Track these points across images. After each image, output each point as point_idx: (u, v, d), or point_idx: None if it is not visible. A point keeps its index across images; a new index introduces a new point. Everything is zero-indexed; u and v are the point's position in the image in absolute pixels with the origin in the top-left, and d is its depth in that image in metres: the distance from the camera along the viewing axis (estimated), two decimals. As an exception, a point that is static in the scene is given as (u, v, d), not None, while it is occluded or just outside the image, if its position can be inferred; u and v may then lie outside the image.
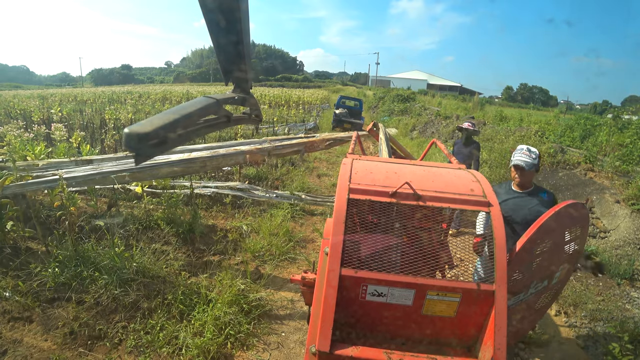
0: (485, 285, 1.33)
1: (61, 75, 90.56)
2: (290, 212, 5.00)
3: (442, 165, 1.98)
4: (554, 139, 8.25)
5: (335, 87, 50.65)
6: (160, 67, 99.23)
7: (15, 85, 53.83)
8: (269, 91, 30.87)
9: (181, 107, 1.18)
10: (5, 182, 3.46)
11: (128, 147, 0.97)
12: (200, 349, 2.49)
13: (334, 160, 9.08)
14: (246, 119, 1.72)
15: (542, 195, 2.44)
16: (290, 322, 3.01)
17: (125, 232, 3.81)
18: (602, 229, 4.81)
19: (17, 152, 4.51)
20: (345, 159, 1.80)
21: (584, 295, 3.60)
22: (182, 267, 3.47)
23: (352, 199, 1.46)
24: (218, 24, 1.30)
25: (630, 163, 6.18)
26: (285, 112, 16.88)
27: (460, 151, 4.76)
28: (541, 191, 2.48)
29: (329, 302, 1.30)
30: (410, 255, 1.40)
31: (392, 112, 18.98)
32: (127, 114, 10.51)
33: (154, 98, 22.62)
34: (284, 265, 3.88)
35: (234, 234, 4.30)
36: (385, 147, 3.02)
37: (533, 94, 62.30)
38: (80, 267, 3.01)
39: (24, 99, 17.71)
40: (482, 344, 1.36)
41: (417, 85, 42.87)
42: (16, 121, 8.19)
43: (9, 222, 3.38)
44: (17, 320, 2.66)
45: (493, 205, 1.45)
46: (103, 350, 2.50)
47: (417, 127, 14.19)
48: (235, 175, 6.22)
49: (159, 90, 30.64)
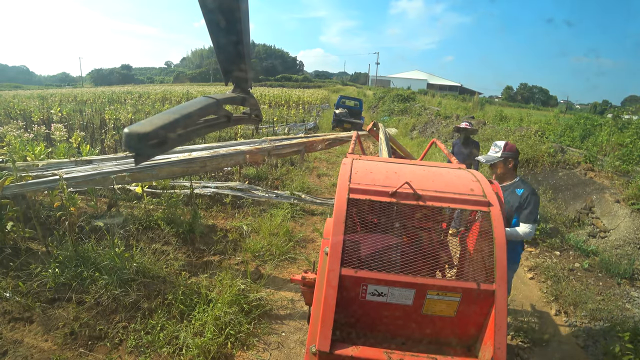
0: (485, 285, 1.33)
1: (61, 76, 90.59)
2: (290, 212, 5.00)
3: (442, 165, 1.98)
4: (554, 139, 8.26)
5: (335, 87, 50.66)
6: (160, 67, 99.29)
7: (15, 86, 53.84)
8: (269, 91, 30.87)
9: (181, 107, 1.18)
10: (5, 182, 3.46)
11: (128, 147, 0.97)
12: (201, 349, 2.49)
13: (334, 160, 9.08)
14: (246, 119, 1.72)
15: (517, 191, 2.46)
16: (290, 322, 3.01)
17: (125, 232, 3.81)
18: (602, 228, 4.81)
19: (17, 153, 4.50)
20: (345, 158, 1.80)
21: (584, 295, 3.60)
22: (182, 267, 3.47)
23: (352, 199, 1.46)
24: (218, 24, 1.30)
25: (630, 163, 6.19)
26: (285, 112, 16.88)
27: (460, 151, 4.76)
28: (520, 187, 2.49)
29: (329, 302, 1.31)
30: (410, 255, 1.40)
31: (392, 112, 18.99)
32: (127, 114, 10.51)
33: (153, 98, 22.61)
34: (284, 265, 3.88)
35: (234, 234, 4.30)
36: (385, 147, 3.02)
37: (533, 93, 62.31)
38: (80, 268, 3.01)
39: (24, 99, 17.72)
40: (482, 344, 1.36)
41: (417, 85, 42.90)
42: (16, 121, 8.18)
43: (9, 223, 3.38)
44: (18, 321, 2.66)
45: (493, 205, 1.45)
46: (103, 351, 2.50)
47: (417, 127, 14.19)
48: (235, 175, 6.22)
49: (158, 90, 30.63)
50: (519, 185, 2.51)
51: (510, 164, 2.53)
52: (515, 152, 2.56)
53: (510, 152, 2.52)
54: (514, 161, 2.55)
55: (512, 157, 2.53)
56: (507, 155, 2.51)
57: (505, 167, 2.54)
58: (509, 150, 2.52)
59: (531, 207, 2.41)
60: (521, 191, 2.45)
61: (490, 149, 2.62)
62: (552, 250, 4.72)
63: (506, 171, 2.55)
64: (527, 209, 2.42)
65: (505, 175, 2.57)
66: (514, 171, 2.58)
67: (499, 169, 2.55)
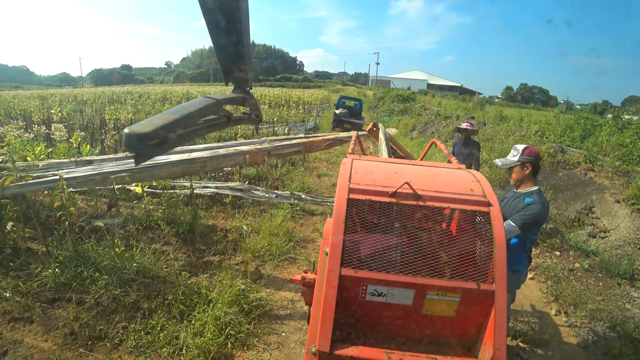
0: (485, 285, 1.33)
1: (61, 76, 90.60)
2: (290, 212, 5.00)
3: (442, 165, 1.98)
4: (554, 139, 8.26)
5: (335, 87, 50.69)
6: (160, 67, 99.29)
7: (15, 86, 53.84)
8: (269, 91, 30.87)
9: (181, 107, 1.18)
10: (5, 182, 3.46)
11: (128, 147, 0.97)
12: (201, 349, 2.49)
13: (334, 160, 9.08)
14: (246, 119, 1.72)
15: (527, 199, 2.31)
16: (290, 322, 3.01)
17: (126, 232, 3.81)
18: (602, 228, 4.81)
19: (17, 153, 4.50)
20: (345, 159, 1.80)
21: (584, 295, 3.60)
22: (182, 267, 3.47)
23: (352, 199, 1.46)
24: (218, 24, 1.30)
25: (630, 163, 6.19)
26: (285, 112, 16.88)
27: (461, 152, 4.75)
28: (532, 196, 2.32)
29: (329, 302, 1.31)
30: (410, 255, 1.40)
31: (392, 112, 19.00)
32: (127, 114, 10.50)
33: (154, 98, 22.60)
34: (284, 265, 3.88)
35: (234, 234, 4.30)
36: (385, 147, 3.02)
37: (533, 94, 62.31)
38: (80, 268, 3.01)
39: (24, 99, 17.71)
40: (482, 344, 1.36)
41: (417, 85, 42.91)
42: (16, 121, 8.18)
43: (9, 223, 3.38)
44: (18, 321, 2.66)
45: (493, 205, 1.45)
46: (103, 351, 2.50)
47: (417, 127, 14.20)
48: (235, 175, 6.22)
49: (159, 90, 30.63)
50: (532, 195, 2.32)
51: (527, 169, 2.35)
52: (535, 157, 2.36)
53: (529, 157, 2.34)
54: (533, 167, 2.35)
55: (531, 162, 2.34)
56: (524, 159, 2.34)
57: (522, 173, 2.37)
58: (527, 154, 2.35)
59: (527, 213, 2.22)
60: (530, 200, 2.29)
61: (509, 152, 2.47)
62: (552, 251, 4.72)
63: (523, 177, 2.37)
64: (523, 212, 2.25)
65: (522, 182, 2.40)
66: (533, 178, 2.39)
67: (516, 173, 2.39)
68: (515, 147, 2.44)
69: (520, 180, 2.40)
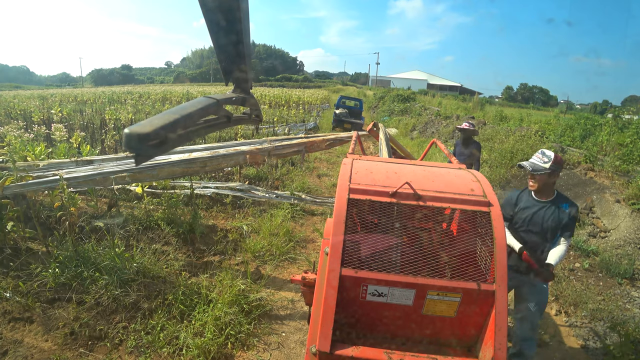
0: (485, 285, 1.33)
1: (61, 76, 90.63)
2: (290, 212, 5.00)
3: (443, 165, 1.98)
4: (554, 139, 8.26)
5: (336, 87, 50.70)
6: (161, 68, 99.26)
7: (16, 86, 53.83)
8: (269, 91, 30.86)
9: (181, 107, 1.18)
10: (6, 182, 3.46)
11: (128, 147, 0.97)
12: (201, 349, 2.49)
13: (334, 160, 9.08)
14: (246, 119, 1.71)
15: (563, 206, 2.28)
16: (290, 322, 3.01)
17: (126, 232, 3.81)
18: (602, 228, 4.81)
19: (17, 153, 4.49)
20: (346, 159, 1.80)
21: (584, 295, 3.60)
22: (182, 267, 3.47)
23: (352, 199, 1.46)
24: (218, 24, 1.30)
25: (630, 163, 6.19)
26: (286, 112, 16.88)
27: (461, 152, 4.75)
28: (563, 201, 2.31)
29: (329, 302, 1.30)
30: (410, 255, 1.40)
31: (392, 112, 19.00)
32: (127, 114, 10.48)
33: (154, 98, 22.60)
34: (284, 266, 3.88)
35: (234, 234, 4.30)
36: (385, 147, 3.02)
37: (533, 93, 62.26)
38: (80, 268, 3.00)
39: (24, 99, 17.71)
40: (483, 344, 1.36)
41: (417, 85, 42.92)
42: (16, 121, 8.17)
43: (9, 223, 3.38)
44: (18, 321, 2.66)
45: (493, 205, 1.45)
46: (103, 351, 2.50)
47: (417, 127, 14.20)
48: (236, 175, 6.22)
49: (159, 90, 30.64)
50: (564, 200, 2.32)
51: (554, 178, 2.32)
52: (562, 167, 2.35)
53: (559, 166, 2.28)
54: (557, 177, 2.34)
55: (559, 171, 2.31)
56: (554, 168, 2.26)
57: (549, 181, 2.30)
58: (558, 162, 2.27)
59: (574, 223, 2.31)
60: (566, 206, 2.28)
61: (535, 156, 2.35)
62: (553, 251, 4.71)
63: (548, 185, 2.32)
64: (572, 225, 2.29)
65: (544, 189, 2.34)
66: (553, 186, 2.37)
67: (542, 180, 2.30)
68: (543, 152, 2.33)
69: (544, 188, 2.34)
